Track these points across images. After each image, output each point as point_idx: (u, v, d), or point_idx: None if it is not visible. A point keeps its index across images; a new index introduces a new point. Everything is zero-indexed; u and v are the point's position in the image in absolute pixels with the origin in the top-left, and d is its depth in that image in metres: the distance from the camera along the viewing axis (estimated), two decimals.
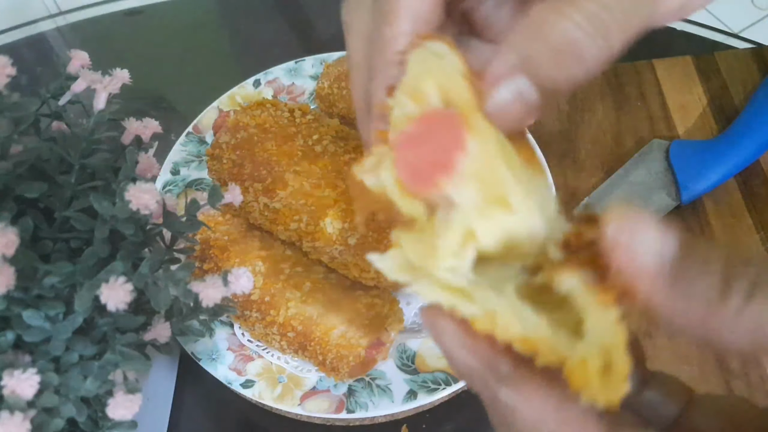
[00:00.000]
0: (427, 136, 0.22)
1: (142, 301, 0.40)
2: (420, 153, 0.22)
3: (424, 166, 0.22)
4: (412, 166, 0.22)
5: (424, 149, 0.22)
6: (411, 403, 0.51)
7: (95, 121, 0.43)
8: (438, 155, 0.22)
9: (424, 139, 0.22)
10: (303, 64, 0.70)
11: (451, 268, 0.22)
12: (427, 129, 0.22)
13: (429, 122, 0.22)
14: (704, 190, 0.63)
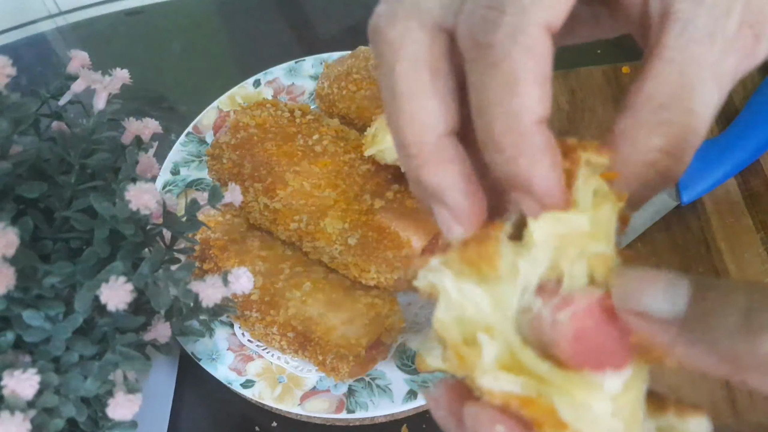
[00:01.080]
0: (604, 326, 0.20)
1: (142, 301, 0.40)
2: (596, 342, 0.20)
3: (594, 347, 0.20)
4: (581, 341, 0.20)
5: (599, 338, 0.20)
6: (411, 403, 0.51)
7: (95, 121, 0.43)
8: (612, 348, 0.20)
9: (601, 328, 0.20)
10: (303, 64, 0.70)
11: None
12: (604, 318, 0.20)
13: (607, 311, 0.20)
14: (704, 190, 0.63)
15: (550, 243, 0.21)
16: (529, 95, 0.20)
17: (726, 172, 0.63)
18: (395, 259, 0.51)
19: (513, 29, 0.20)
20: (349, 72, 0.63)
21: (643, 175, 0.21)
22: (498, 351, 0.21)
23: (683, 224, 0.63)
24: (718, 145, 0.64)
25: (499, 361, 0.21)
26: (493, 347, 0.21)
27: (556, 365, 0.21)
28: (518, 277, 0.21)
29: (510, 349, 0.21)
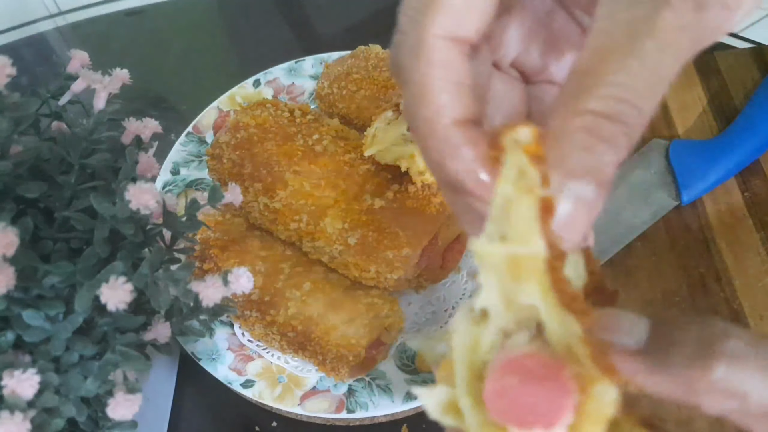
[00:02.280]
0: (536, 381, 0.20)
1: (142, 301, 0.40)
2: (520, 391, 0.20)
3: (516, 405, 0.20)
4: (504, 395, 0.20)
5: (525, 390, 0.20)
6: (411, 403, 0.51)
7: (95, 121, 0.43)
8: (543, 406, 0.20)
9: (531, 381, 0.20)
10: (303, 64, 0.70)
11: None
12: (541, 372, 0.20)
13: (546, 368, 0.20)
14: (704, 190, 0.63)
15: (500, 269, 0.21)
16: (439, 101, 0.22)
17: (726, 172, 0.63)
18: (395, 259, 0.51)
19: (412, 46, 0.22)
20: (349, 72, 0.63)
21: (580, 142, 0.20)
22: (447, 394, 0.22)
23: (683, 224, 0.63)
24: (718, 145, 0.64)
25: (446, 402, 0.22)
26: (442, 391, 0.22)
27: (485, 419, 0.21)
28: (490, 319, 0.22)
29: (456, 393, 0.22)
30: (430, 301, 0.58)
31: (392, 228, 0.51)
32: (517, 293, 0.21)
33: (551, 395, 0.20)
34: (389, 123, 0.53)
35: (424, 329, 0.56)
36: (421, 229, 0.52)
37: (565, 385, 0.20)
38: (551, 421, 0.20)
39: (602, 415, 0.20)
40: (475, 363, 0.22)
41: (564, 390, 0.20)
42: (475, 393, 0.22)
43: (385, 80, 0.61)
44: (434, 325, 0.56)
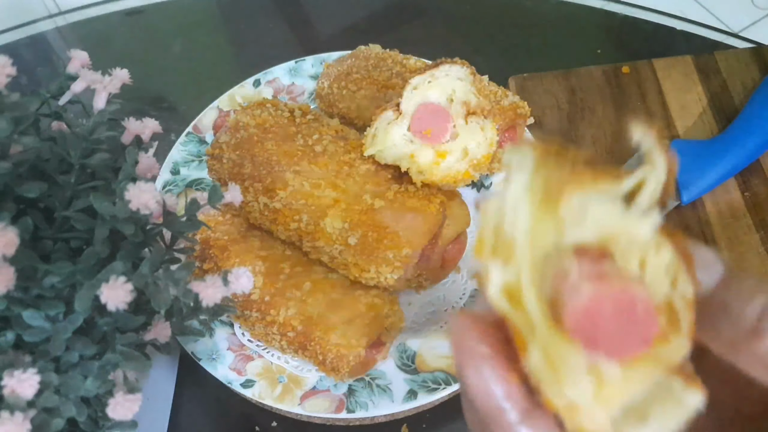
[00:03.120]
0: (622, 317, 0.20)
1: (142, 301, 0.40)
2: (608, 321, 0.20)
3: (600, 334, 0.20)
4: (589, 322, 0.20)
5: (613, 321, 0.20)
6: (411, 403, 0.51)
7: (95, 121, 0.43)
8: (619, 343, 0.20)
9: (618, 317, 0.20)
10: (303, 64, 0.70)
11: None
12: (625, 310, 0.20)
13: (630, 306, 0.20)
14: (704, 190, 0.63)
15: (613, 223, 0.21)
16: None
17: (726, 172, 0.63)
18: (395, 259, 0.51)
19: None
20: (349, 72, 0.63)
21: None
22: (508, 278, 0.21)
23: (683, 224, 0.63)
24: (718, 145, 0.64)
25: (505, 286, 0.21)
26: (503, 273, 0.21)
27: (551, 320, 0.21)
28: (570, 224, 0.21)
29: (518, 281, 0.21)
30: (430, 301, 0.58)
31: (392, 228, 0.51)
32: None
33: (635, 335, 0.20)
34: (389, 123, 0.53)
35: (424, 329, 0.56)
36: (421, 229, 0.52)
37: (652, 331, 0.20)
38: (618, 354, 0.20)
39: (668, 361, 0.20)
40: (541, 253, 0.21)
41: (648, 336, 0.20)
42: (540, 285, 0.21)
43: (385, 80, 0.61)
44: (434, 325, 0.56)
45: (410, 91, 0.52)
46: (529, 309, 0.21)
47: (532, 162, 0.21)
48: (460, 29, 0.84)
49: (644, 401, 0.21)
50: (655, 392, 0.21)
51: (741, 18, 1.51)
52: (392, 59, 0.63)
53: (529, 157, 0.21)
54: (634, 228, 0.20)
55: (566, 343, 0.20)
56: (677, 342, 0.20)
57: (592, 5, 0.83)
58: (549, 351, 0.20)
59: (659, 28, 0.80)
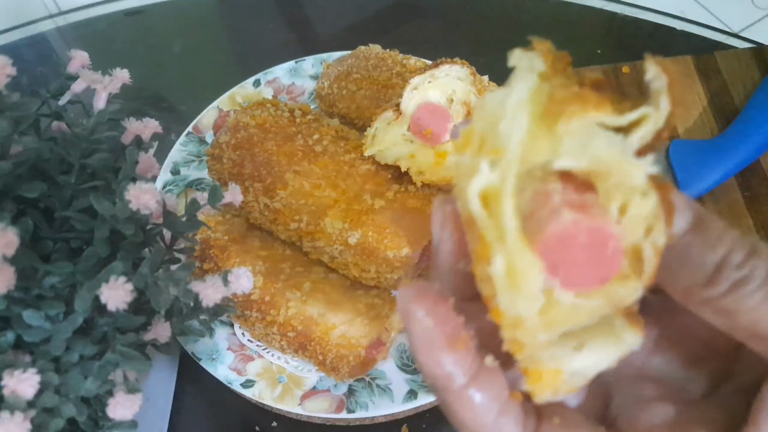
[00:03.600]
0: (591, 252, 0.20)
1: (142, 301, 0.40)
2: (573, 256, 0.20)
3: (564, 265, 0.20)
4: (554, 256, 0.20)
5: (578, 256, 0.20)
6: (411, 403, 0.51)
7: (95, 121, 0.43)
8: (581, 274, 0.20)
9: (587, 251, 0.20)
10: (303, 64, 0.70)
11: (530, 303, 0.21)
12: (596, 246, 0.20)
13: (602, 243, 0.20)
14: (704, 190, 0.63)
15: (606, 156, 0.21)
16: None
17: (726, 172, 0.63)
18: (395, 259, 0.51)
19: None
20: (349, 72, 0.63)
21: None
22: (489, 182, 0.21)
23: None
24: (718, 145, 0.64)
25: (484, 190, 0.21)
26: (489, 176, 0.21)
27: (521, 233, 0.21)
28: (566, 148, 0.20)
29: (501, 187, 0.21)
30: None
31: (392, 228, 0.51)
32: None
33: (598, 270, 0.20)
34: (389, 123, 0.53)
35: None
36: (421, 229, 0.52)
37: (613, 270, 0.20)
38: (575, 284, 0.21)
39: (621, 301, 0.21)
40: (528, 167, 0.21)
41: (609, 274, 0.20)
42: (519, 197, 0.21)
43: (385, 80, 0.61)
44: None
45: (410, 91, 0.52)
46: (504, 217, 0.21)
47: (540, 70, 0.21)
48: (460, 29, 0.84)
49: (583, 331, 0.21)
50: (596, 325, 0.21)
51: (741, 18, 1.51)
52: (392, 59, 0.63)
53: (538, 64, 0.21)
54: (629, 170, 0.20)
55: (531, 258, 0.20)
56: (634, 285, 0.21)
57: (592, 5, 0.83)
58: (513, 262, 0.20)
59: (659, 28, 0.80)
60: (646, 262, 0.21)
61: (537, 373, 0.21)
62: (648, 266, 0.21)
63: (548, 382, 0.21)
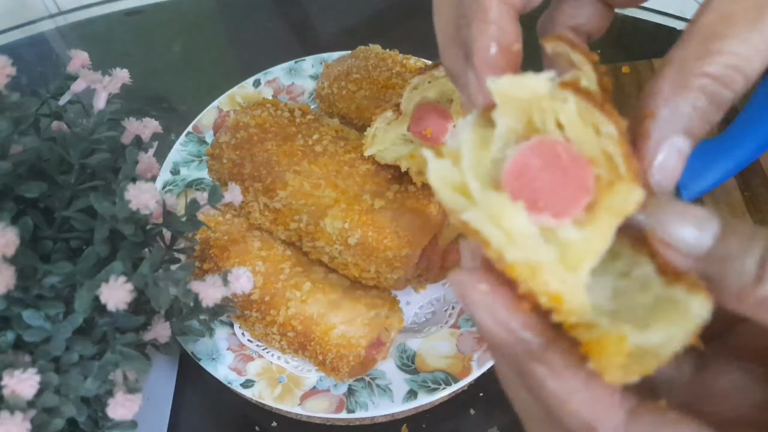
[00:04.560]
0: (558, 169, 0.21)
1: (142, 301, 0.40)
2: (541, 175, 0.21)
3: (535, 187, 0.21)
4: (523, 176, 0.21)
5: (546, 175, 0.21)
6: (411, 403, 0.51)
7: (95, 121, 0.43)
8: (555, 194, 0.21)
9: (553, 167, 0.21)
10: (303, 64, 0.70)
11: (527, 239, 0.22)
12: (564, 161, 0.21)
13: (565, 153, 0.21)
14: (704, 190, 0.63)
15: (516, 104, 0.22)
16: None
17: (726, 172, 0.63)
18: (395, 259, 0.51)
19: None
20: (349, 72, 0.63)
21: (694, 102, 0.23)
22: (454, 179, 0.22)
23: None
24: (718, 145, 0.64)
25: (452, 182, 0.22)
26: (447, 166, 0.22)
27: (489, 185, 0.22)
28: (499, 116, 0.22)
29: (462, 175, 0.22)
30: (430, 301, 0.58)
31: (392, 228, 0.51)
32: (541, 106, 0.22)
33: (570, 186, 0.21)
34: (389, 123, 0.53)
35: (424, 329, 0.56)
36: (421, 229, 0.52)
37: (586, 180, 0.21)
38: (562, 211, 0.21)
39: (621, 210, 0.21)
40: (483, 158, 0.22)
41: (584, 185, 0.21)
42: (484, 177, 0.22)
43: (385, 80, 0.61)
44: (434, 326, 0.56)
45: (410, 91, 0.52)
46: (474, 193, 0.22)
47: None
48: None
49: (646, 310, 0.21)
50: (658, 302, 0.21)
51: None
52: (392, 59, 0.63)
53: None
54: (533, 88, 0.21)
55: (502, 199, 0.21)
56: (624, 188, 0.21)
57: None
58: (498, 219, 0.21)
59: (659, 28, 0.80)
60: (615, 158, 0.21)
61: (598, 344, 0.21)
62: (620, 161, 0.21)
63: (614, 355, 0.20)
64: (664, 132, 0.23)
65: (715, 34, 0.22)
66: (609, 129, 0.21)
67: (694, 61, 0.22)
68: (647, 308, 0.21)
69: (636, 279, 0.22)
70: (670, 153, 0.23)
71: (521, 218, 0.20)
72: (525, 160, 0.21)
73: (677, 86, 0.23)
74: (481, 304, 0.22)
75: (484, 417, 0.55)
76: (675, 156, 0.23)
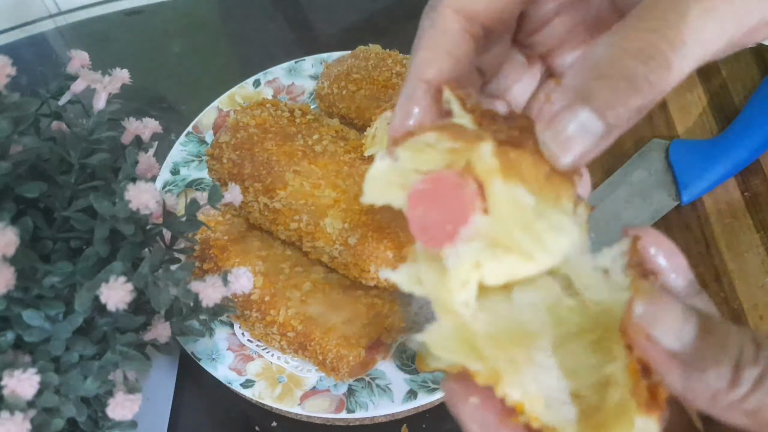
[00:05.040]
0: (440, 196, 0.22)
1: (142, 301, 0.40)
2: (431, 213, 0.22)
3: (435, 225, 0.22)
4: (422, 223, 0.23)
5: (435, 210, 0.22)
6: (411, 403, 0.51)
7: (95, 121, 0.43)
8: (449, 219, 0.22)
9: (436, 199, 0.22)
10: (303, 64, 0.70)
11: (462, 302, 0.23)
12: (439, 188, 0.22)
13: (442, 182, 0.22)
14: (704, 190, 0.63)
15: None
16: (421, 56, 0.26)
17: (726, 172, 0.63)
18: (395, 259, 0.51)
19: (431, 10, 0.27)
20: (349, 72, 0.63)
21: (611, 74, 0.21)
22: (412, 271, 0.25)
23: (683, 224, 0.63)
24: (718, 145, 0.64)
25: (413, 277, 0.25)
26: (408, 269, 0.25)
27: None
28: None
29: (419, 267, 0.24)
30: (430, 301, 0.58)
31: (392, 228, 0.51)
32: None
33: (453, 194, 0.22)
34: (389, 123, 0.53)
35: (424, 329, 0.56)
36: None
37: (456, 180, 0.22)
38: (465, 213, 0.22)
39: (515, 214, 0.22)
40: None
41: (458, 183, 0.22)
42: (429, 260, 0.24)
43: (385, 80, 0.61)
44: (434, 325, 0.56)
45: None
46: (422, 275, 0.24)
47: None
48: None
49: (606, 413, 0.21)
50: (616, 407, 0.21)
51: None
52: (392, 59, 0.63)
53: None
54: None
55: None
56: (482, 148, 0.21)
57: None
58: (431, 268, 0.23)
59: None
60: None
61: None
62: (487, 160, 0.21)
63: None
64: (564, 98, 0.21)
65: (641, 14, 0.21)
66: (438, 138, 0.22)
67: (615, 38, 0.21)
68: (608, 411, 0.21)
69: (605, 375, 0.22)
70: (572, 125, 0.21)
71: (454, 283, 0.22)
72: (414, 214, 0.23)
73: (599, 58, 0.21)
74: (471, 416, 0.22)
75: None
76: (577, 129, 0.21)
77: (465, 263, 0.22)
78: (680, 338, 0.20)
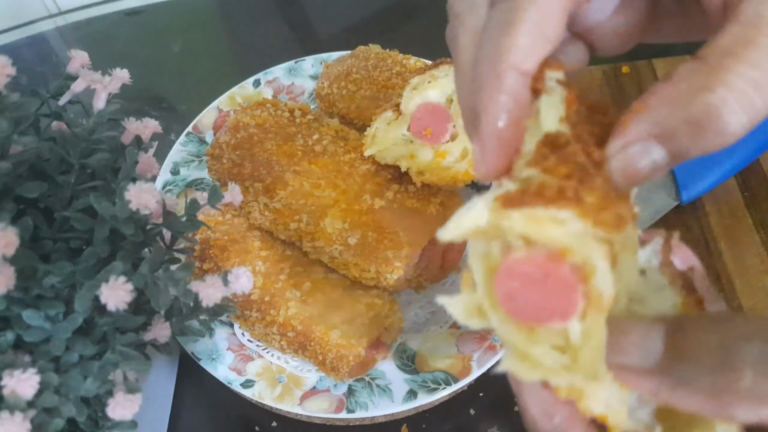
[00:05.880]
0: (543, 287, 0.21)
1: (142, 301, 0.40)
2: (527, 293, 0.21)
3: (527, 305, 0.21)
4: (512, 294, 0.21)
5: (533, 294, 0.21)
6: (411, 403, 0.51)
7: (95, 121, 0.43)
8: (546, 311, 0.21)
9: (538, 286, 0.21)
10: (303, 64, 0.70)
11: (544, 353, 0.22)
12: (539, 273, 0.21)
13: (543, 268, 0.21)
14: (704, 190, 0.63)
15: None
16: (519, 44, 0.22)
17: (726, 172, 0.63)
18: (395, 259, 0.51)
19: None
20: (349, 72, 0.63)
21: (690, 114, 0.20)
22: (471, 300, 0.23)
23: (683, 224, 0.63)
24: None
25: (470, 307, 0.23)
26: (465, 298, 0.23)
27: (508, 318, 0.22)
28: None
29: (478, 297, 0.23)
30: (430, 301, 0.58)
31: (392, 228, 0.51)
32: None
33: (555, 290, 0.21)
34: (389, 123, 0.53)
35: (424, 329, 0.56)
36: (421, 229, 0.52)
37: (566, 278, 0.21)
38: (565, 314, 0.21)
39: (603, 304, 0.21)
40: (491, 269, 0.23)
41: (566, 284, 0.21)
42: (494, 295, 0.22)
43: (385, 80, 0.61)
44: (434, 326, 0.56)
45: (410, 91, 0.52)
46: (489, 315, 0.22)
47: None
48: None
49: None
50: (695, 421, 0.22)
51: None
52: (392, 59, 0.63)
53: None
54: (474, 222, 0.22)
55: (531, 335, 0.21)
56: (599, 277, 0.21)
57: None
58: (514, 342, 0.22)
59: None
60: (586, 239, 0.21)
61: None
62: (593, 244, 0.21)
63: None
64: (642, 131, 0.20)
65: (732, 52, 0.20)
66: (565, 215, 0.20)
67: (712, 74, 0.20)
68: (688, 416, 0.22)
69: None
70: (642, 158, 0.21)
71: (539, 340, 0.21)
72: (506, 288, 0.21)
73: (673, 99, 0.20)
74: (531, 392, 0.23)
75: (484, 417, 0.55)
76: (646, 162, 0.21)
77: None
78: (647, 353, 0.20)
